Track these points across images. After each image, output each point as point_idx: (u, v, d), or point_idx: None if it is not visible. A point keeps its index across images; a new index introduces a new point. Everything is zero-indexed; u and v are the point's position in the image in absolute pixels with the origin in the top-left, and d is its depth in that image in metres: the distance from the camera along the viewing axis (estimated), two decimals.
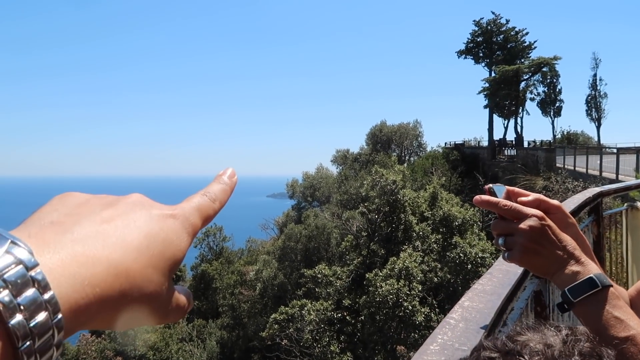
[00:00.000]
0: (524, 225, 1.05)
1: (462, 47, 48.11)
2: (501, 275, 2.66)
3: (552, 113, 46.74)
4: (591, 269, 1.03)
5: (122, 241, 0.39)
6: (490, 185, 1.15)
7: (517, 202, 1.12)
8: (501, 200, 1.10)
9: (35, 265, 0.32)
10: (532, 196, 1.14)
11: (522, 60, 44.88)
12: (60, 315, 0.33)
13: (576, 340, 0.78)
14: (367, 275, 17.93)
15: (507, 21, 45.73)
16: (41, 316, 0.32)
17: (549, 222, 1.06)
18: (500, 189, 1.14)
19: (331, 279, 19.92)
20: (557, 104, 46.39)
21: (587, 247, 1.12)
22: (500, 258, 2.78)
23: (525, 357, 0.76)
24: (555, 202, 1.15)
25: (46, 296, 0.32)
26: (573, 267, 1.04)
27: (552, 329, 0.81)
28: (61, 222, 0.38)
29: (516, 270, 2.51)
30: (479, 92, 46.44)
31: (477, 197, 1.11)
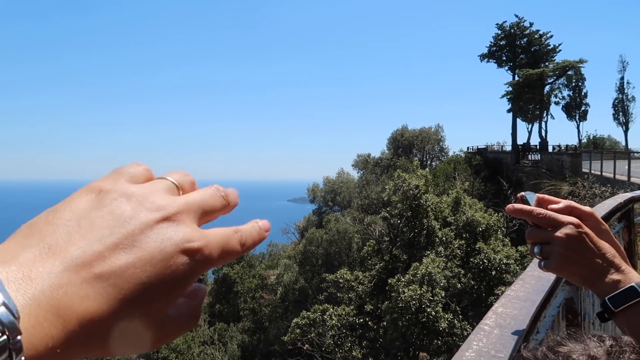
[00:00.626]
0: (560, 233, 1.03)
1: (485, 50, 47.63)
2: (534, 282, 2.63)
3: (577, 117, 45.90)
4: (632, 277, 1.01)
5: (112, 287, 0.35)
6: (523, 193, 1.13)
7: (548, 209, 1.10)
8: (535, 208, 1.08)
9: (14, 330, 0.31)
10: (563, 203, 1.11)
11: (547, 63, 44.18)
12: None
13: (621, 351, 0.75)
14: (389, 281, 17.81)
15: (531, 24, 45.13)
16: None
17: (586, 229, 1.04)
18: (532, 196, 1.12)
19: (353, 284, 19.86)
20: (583, 108, 45.53)
21: (623, 254, 1.09)
22: (532, 264, 2.77)
23: None
24: (587, 208, 1.12)
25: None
26: (613, 276, 1.01)
27: (594, 339, 0.79)
28: (60, 245, 0.36)
29: (549, 276, 2.49)
30: (502, 96, 45.88)
31: (510, 205, 1.11)
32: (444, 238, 19.59)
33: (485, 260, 18.31)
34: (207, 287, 52.41)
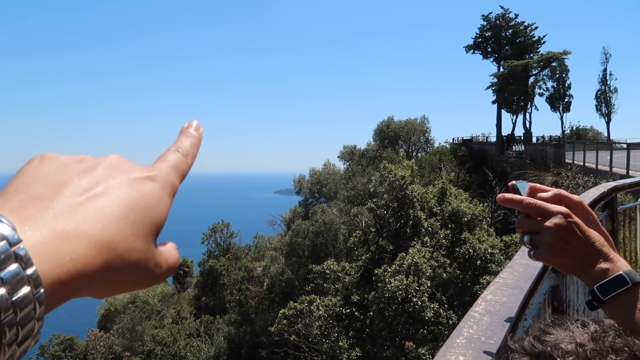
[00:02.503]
0: (549, 223, 1.02)
1: (471, 42, 47.84)
2: (522, 269, 2.64)
3: (561, 108, 46.41)
4: (621, 265, 1.01)
5: (102, 213, 0.39)
6: (514, 182, 1.11)
7: (537, 198, 1.09)
8: (525, 197, 1.07)
9: (18, 241, 0.33)
10: (553, 192, 1.10)
11: (531, 55, 44.52)
12: (42, 290, 0.33)
13: (605, 335, 0.74)
14: (375, 271, 17.91)
15: (516, 15, 45.40)
16: (24, 290, 0.32)
17: (576, 219, 1.04)
18: (524, 185, 1.11)
19: (340, 274, 19.93)
20: (567, 99, 46.04)
21: (611, 243, 1.08)
22: (520, 252, 2.77)
23: (558, 359, 0.72)
24: (577, 197, 1.11)
25: (29, 271, 0.33)
26: (602, 265, 1.01)
27: (577, 324, 0.78)
28: (41, 196, 0.38)
29: (536, 264, 2.49)
30: (487, 88, 46.17)
31: (500, 195, 1.09)
32: (429, 228, 19.73)
33: (470, 250, 18.50)
34: (193, 279, 52.26)
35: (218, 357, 31.89)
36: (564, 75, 45.54)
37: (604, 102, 45.20)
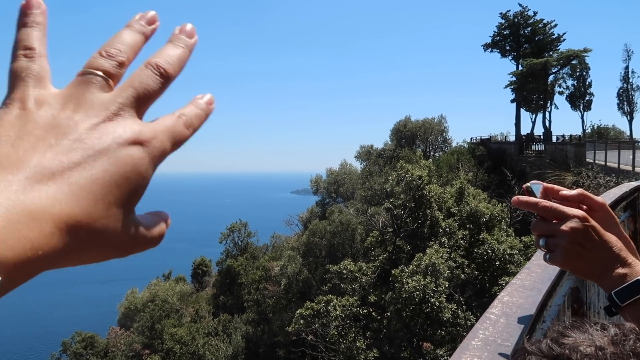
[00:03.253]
0: (565, 227, 1.01)
1: (489, 40, 47.34)
2: (540, 270, 2.62)
3: (581, 107, 45.63)
4: (639, 270, 0.99)
5: (74, 190, 0.36)
6: (528, 184, 1.09)
7: (559, 198, 1.08)
8: (540, 200, 1.05)
9: None
10: (576, 191, 1.09)
11: (551, 53, 43.86)
12: None
13: (626, 339, 0.73)
14: (393, 272, 17.85)
15: (535, 13, 44.78)
16: None
17: (593, 222, 1.02)
18: (538, 187, 1.09)
19: (357, 274, 19.91)
20: (587, 98, 45.25)
21: (632, 248, 1.06)
22: (539, 252, 2.75)
23: None
24: (599, 199, 1.09)
25: None
26: (619, 270, 0.99)
27: (597, 327, 0.76)
28: (10, 158, 0.35)
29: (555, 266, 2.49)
30: (506, 86, 45.64)
31: (515, 198, 1.08)
32: (447, 228, 19.58)
33: (489, 251, 18.32)
34: (211, 278, 52.71)
35: (236, 356, 32.10)
36: (584, 73, 44.76)
37: (626, 100, 44.33)
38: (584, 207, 1.10)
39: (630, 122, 44.67)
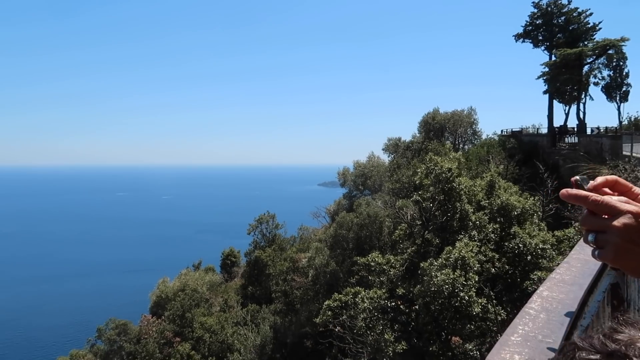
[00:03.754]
0: (617, 222, 0.97)
1: (520, 30, 46.21)
2: (580, 265, 2.57)
3: (618, 98, 44.13)
4: None
5: None
6: (577, 177, 1.07)
7: (619, 185, 1.05)
8: (592, 194, 1.02)
9: None
10: (635, 189, 1.06)
11: (586, 42, 42.55)
12: None
13: None
14: (421, 265, 17.73)
15: (569, 1, 43.44)
16: None
17: None
18: (589, 181, 1.06)
19: (384, 267, 19.86)
20: (624, 89, 43.71)
21: None
22: (578, 246, 2.70)
23: (634, 359, 0.69)
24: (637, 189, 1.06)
25: None
26: None
27: None
28: None
29: (595, 260, 2.43)
30: (538, 77, 44.53)
31: (564, 190, 1.05)
32: (477, 222, 19.32)
33: (520, 245, 18.00)
34: (240, 269, 53.37)
35: (264, 346, 32.52)
36: (621, 63, 43.22)
37: None
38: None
39: None
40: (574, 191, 1.05)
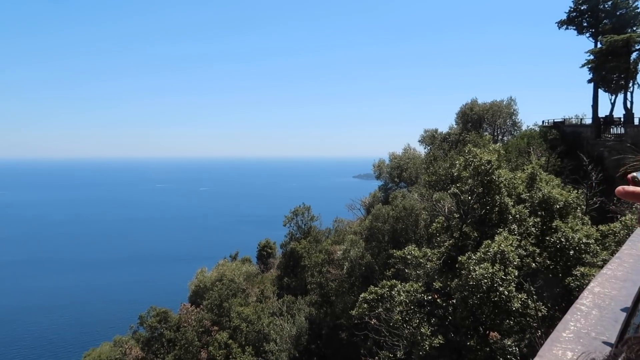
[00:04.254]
0: None
1: (564, 16, 44.58)
2: (632, 261, 2.47)
3: None
4: None
5: None
6: (635, 174, 1.05)
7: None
8: None
9: None
10: None
11: (634, 28, 40.65)
12: None
13: None
14: (459, 258, 17.47)
15: None
16: None
17: None
18: None
19: (421, 260, 19.68)
20: None
21: None
22: (629, 241, 2.61)
23: None
24: None
25: None
26: None
27: None
28: None
29: None
30: (583, 66, 42.88)
31: (621, 188, 1.03)
32: (517, 215, 18.86)
33: (562, 240, 17.49)
34: (276, 260, 54.00)
35: (300, 337, 32.86)
36: None
37: None
38: None
39: None
40: (631, 188, 1.05)
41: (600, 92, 43.89)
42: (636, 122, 39.18)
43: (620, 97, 42.77)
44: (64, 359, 60.37)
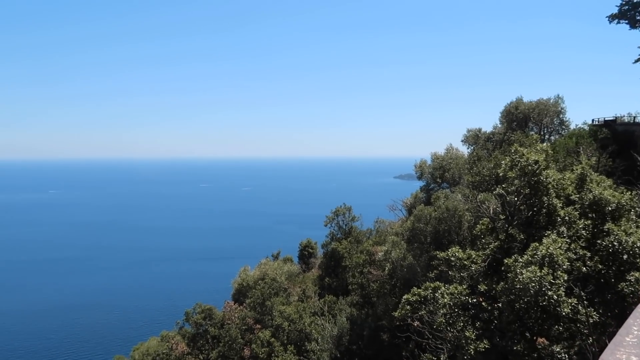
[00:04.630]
0: None
1: (615, 10, 42.80)
2: None
3: None
4: None
5: None
6: None
7: None
8: None
9: None
10: None
11: None
12: None
13: None
14: (505, 261, 17.08)
15: None
16: None
17: None
18: None
19: (465, 262, 19.36)
20: None
21: None
22: None
23: None
24: None
25: None
26: None
27: None
28: None
29: None
30: (636, 61, 41.09)
31: None
32: (566, 217, 18.27)
33: (615, 243, 16.81)
34: (317, 260, 54.27)
35: (341, 337, 32.92)
36: None
37: None
38: None
39: None
40: None
41: None
42: None
43: None
44: (115, 352, 62.89)
